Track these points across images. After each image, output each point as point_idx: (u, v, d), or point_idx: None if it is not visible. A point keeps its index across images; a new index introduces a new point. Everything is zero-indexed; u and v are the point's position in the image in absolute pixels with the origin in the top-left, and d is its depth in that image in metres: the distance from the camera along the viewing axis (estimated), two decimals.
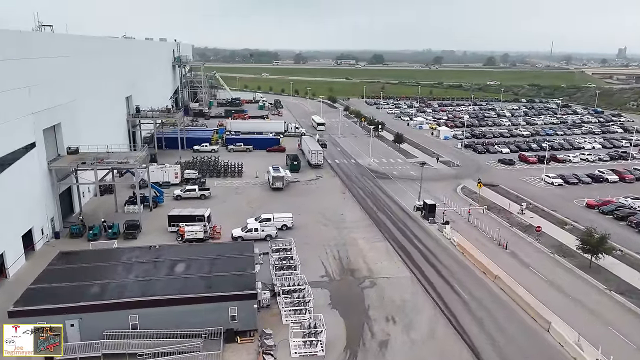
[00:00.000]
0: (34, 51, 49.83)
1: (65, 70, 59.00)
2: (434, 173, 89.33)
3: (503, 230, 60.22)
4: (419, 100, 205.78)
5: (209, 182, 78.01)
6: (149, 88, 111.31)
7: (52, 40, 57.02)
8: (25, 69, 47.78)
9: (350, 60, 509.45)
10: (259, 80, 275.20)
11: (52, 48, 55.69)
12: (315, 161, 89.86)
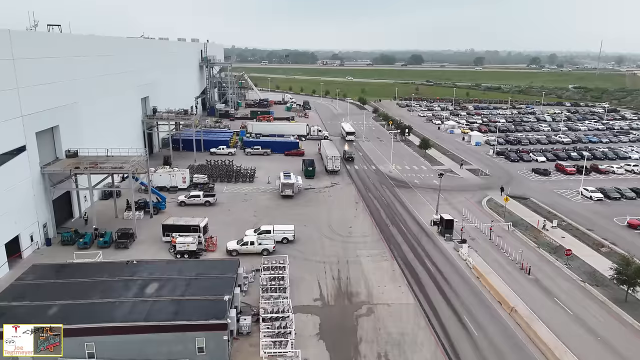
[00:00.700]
0: (24, 52, 48.04)
1: (66, 72, 57.40)
2: (458, 182, 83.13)
3: (528, 252, 53.96)
4: (453, 103, 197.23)
5: (219, 187, 75.25)
6: (172, 89, 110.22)
7: (47, 40, 54.98)
8: (11, 70, 45.94)
9: (393, 61, 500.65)
10: (291, 80, 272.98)
11: (48, 48, 53.89)
12: (331, 167, 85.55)
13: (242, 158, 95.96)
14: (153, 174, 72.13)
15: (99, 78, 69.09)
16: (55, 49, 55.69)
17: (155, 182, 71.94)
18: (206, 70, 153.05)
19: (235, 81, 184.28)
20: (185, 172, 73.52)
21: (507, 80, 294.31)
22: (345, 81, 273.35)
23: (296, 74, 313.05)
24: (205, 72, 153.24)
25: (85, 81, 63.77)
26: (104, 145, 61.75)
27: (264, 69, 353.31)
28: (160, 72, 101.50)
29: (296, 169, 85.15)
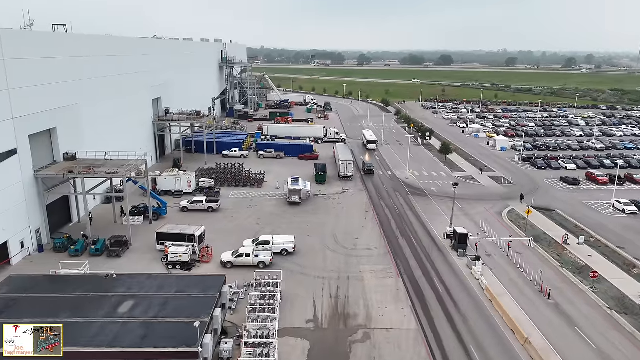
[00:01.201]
0: (15, 52, 46.52)
1: (65, 72, 55.95)
2: (478, 191, 78.18)
3: (549, 271, 49.15)
4: (480, 105, 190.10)
5: (225, 192, 72.89)
6: (187, 90, 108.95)
7: (42, 40, 53.15)
8: (1, 71, 44.40)
9: (421, 61, 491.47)
10: (315, 81, 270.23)
11: (43, 48, 52.32)
12: (344, 172, 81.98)
13: (254, 161, 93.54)
14: (158, 177, 70.50)
15: (106, 79, 67.79)
16: (52, 49, 54.21)
17: (160, 186, 70.32)
18: (226, 70, 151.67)
19: (256, 82, 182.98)
20: (190, 176, 71.40)
21: (539, 82, 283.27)
22: (369, 83, 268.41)
23: (320, 75, 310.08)
24: (225, 73, 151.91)
25: (89, 82, 62.41)
26: (110, 147, 60.32)
27: (288, 70, 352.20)
28: (174, 72, 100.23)
29: (308, 174, 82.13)
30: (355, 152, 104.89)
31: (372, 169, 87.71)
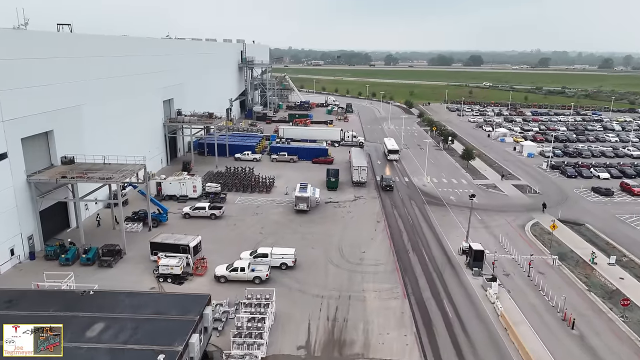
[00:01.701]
0: (3, 52, 44.75)
1: (65, 73, 54.24)
2: (501, 201, 73.09)
3: (574, 296, 44.33)
4: (509, 108, 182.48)
5: (232, 197, 70.25)
6: (203, 90, 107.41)
7: (34, 40, 50.99)
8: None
9: (450, 62, 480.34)
10: (338, 82, 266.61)
11: (37, 49, 50.42)
12: (357, 178, 78.16)
13: (266, 165, 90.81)
14: (163, 181, 68.41)
15: (112, 79, 66.10)
16: (48, 49, 52.39)
17: (164, 191, 68.23)
18: (245, 71, 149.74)
19: (277, 82, 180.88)
20: (196, 181, 69.02)
21: (572, 83, 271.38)
22: (394, 83, 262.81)
23: (344, 75, 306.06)
24: (245, 74, 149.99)
25: (94, 83, 60.75)
26: (117, 150, 59.06)
27: (312, 70, 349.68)
28: (189, 73, 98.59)
29: (321, 179, 78.82)
30: (373, 157, 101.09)
31: (392, 184, 76.60)
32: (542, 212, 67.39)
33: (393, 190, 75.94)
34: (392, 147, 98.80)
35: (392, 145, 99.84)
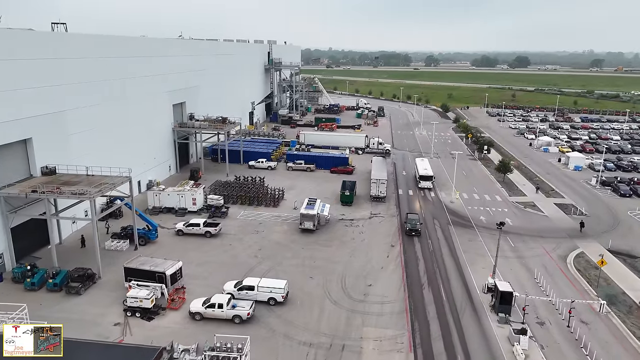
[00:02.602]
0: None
1: (46, 76, 49.79)
2: (540, 224, 63.54)
3: (626, 355, 35.26)
4: (555, 113, 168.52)
5: (235, 211, 64.39)
6: (222, 93, 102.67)
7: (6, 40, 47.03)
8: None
9: (494, 63, 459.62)
10: (373, 84, 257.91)
11: (12, 50, 46.05)
12: (375, 192, 70.49)
13: (281, 174, 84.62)
14: (160, 192, 63.32)
15: (107, 82, 61.72)
16: (25, 49, 47.87)
17: (162, 203, 63.16)
18: (272, 73, 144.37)
19: (306, 85, 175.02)
20: (196, 192, 63.46)
21: (628, 87, 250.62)
22: (431, 85, 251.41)
23: (381, 77, 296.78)
24: (271, 75, 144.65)
25: (84, 87, 56.32)
26: (113, 158, 55.53)
27: (349, 72, 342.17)
28: (205, 75, 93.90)
29: (337, 191, 71.81)
30: (399, 166, 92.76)
31: (418, 228, 57.58)
32: (579, 231, 59.01)
33: (420, 235, 57.55)
34: (425, 172, 78.07)
35: (424, 170, 79.17)
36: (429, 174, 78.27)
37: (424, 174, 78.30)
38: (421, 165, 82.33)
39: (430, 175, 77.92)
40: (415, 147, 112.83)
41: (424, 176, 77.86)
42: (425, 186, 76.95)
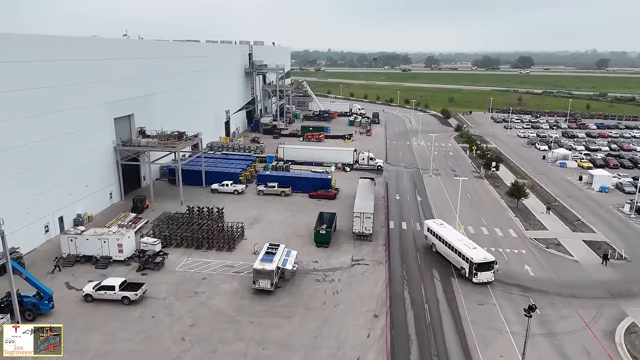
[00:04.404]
0: None
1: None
2: (569, 274, 48.87)
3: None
4: (567, 119, 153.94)
5: (176, 258, 49.98)
6: (188, 101, 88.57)
7: None
8: None
9: (496, 63, 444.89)
10: (369, 87, 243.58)
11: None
12: (359, 229, 56.01)
13: (249, 200, 70.30)
14: (77, 237, 48.85)
15: (17, 94, 47.58)
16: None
17: (80, 250, 48.74)
18: (254, 77, 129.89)
19: (294, 89, 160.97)
20: (123, 236, 48.92)
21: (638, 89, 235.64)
22: (432, 88, 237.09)
23: (378, 79, 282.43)
24: (253, 80, 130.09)
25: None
26: (30, 187, 45.74)
27: (346, 74, 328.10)
28: (165, 81, 79.76)
29: (313, 225, 57.44)
30: (392, 187, 78.08)
31: None
32: (603, 264, 48.81)
33: None
34: (481, 256, 45.96)
35: (481, 257, 45.86)
36: (489, 259, 45.92)
37: (479, 259, 45.61)
38: (454, 237, 50.28)
39: (492, 260, 46.09)
40: (412, 162, 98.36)
41: (483, 264, 45.56)
42: (485, 279, 45.70)
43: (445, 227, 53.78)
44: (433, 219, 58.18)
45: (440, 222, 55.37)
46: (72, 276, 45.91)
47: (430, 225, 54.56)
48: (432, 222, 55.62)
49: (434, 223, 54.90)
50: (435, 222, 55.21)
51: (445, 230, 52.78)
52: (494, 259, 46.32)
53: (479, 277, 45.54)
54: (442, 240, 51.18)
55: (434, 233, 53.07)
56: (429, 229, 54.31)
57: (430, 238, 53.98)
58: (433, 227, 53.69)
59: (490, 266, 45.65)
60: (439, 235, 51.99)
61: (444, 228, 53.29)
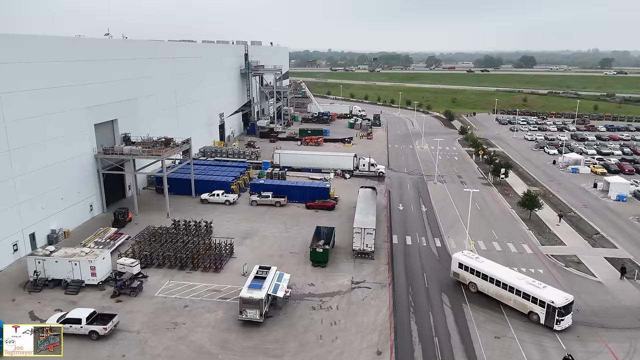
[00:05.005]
0: None
1: None
2: (595, 299, 43.74)
3: None
4: (575, 121, 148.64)
5: (157, 281, 45.06)
6: (180, 105, 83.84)
7: None
8: None
9: (498, 63, 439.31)
10: (370, 87, 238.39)
11: None
12: (359, 246, 50.99)
13: (241, 211, 65.34)
14: (45, 258, 43.88)
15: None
16: None
17: (48, 273, 43.79)
18: (250, 78, 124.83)
19: (293, 90, 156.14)
20: (98, 257, 43.94)
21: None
22: (434, 89, 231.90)
23: (379, 80, 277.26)
24: (248, 81, 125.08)
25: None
26: None
27: (346, 75, 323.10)
28: (152, 84, 74.91)
29: (310, 239, 52.55)
30: (395, 196, 73.02)
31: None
32: (620, 279, 44.08)
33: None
34: (565, 299, 38.71)
35: (562, 299, 38.58)
36: (569, 299, 38.85)
37: (561, 302, 38.19)
38: (508, 274, 43.00)
39: (572, 301, 39.12)
40: (415, 167, 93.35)
41: (564, 307, 38.23)
42: (568, 324, 38.54)
43: (484, 261, 45.08)
44: (461, 252, 47.19)
45: (475, 255, 46.50)
46: (38, 304, 40.98)
47: (464, 260, 45.06)
48: (464, 256, 45.90)
49: (468, 257, 45.56)
50: (468, 256, 45.82)
51: (490, 266, 44.00)
52: (572, 298, 39.14)
53: (564, 322, 37.82)
54: (491, 279, 42.38)
55: (472, 270, 43.83)
56: (463, 264, 44.87)
57: (464, 276, 44.62)
58: (470, 263, 44.31)
59: (570, 307, 38.59)
60: (483, 272, 42.99)
61: (484, 263, 44.30)
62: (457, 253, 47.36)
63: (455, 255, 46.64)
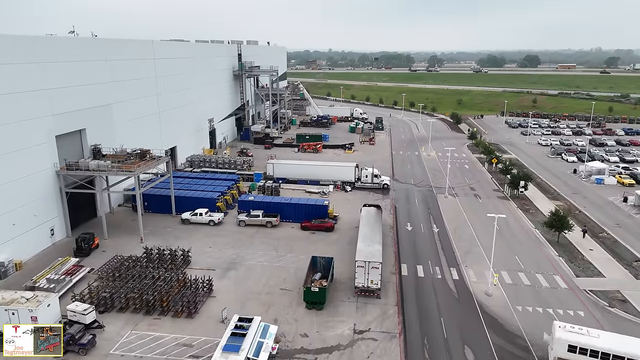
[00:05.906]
0: None
1: None
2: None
3: None
4: (590, 124, 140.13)
5: (115, 331, 36.82)
6: (164, 111, 75.85)
7: None
8: None
9: (501, 63, 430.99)
10: (371, 88, 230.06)
11: None
12: (363, 282, 42.61)
13: (226, 233, 57.13)
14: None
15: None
16: None
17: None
18: (243, 79, 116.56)
19: (290, 92, 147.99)
20: (42, 304, 35.69)
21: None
22: (438, 90, 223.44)
23: (380, 80, 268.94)
24: (242, 83, 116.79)
25: None
26: None
27: (347, 75, 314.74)
28: (130, 87, 66.96)
29: (304, 269, 44.41)
30: (401, 214, 64.63)
31: None
32: None
33: None
34: None
35: None
36: None
37: None
38: None
39: None
40: (423, 177, 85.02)
41: None
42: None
43: (601, 334, 33.55)
44: (563, 326, 33.91)
45: (579, 327, 34.01)
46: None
47: (575, 339, 32.57)
48: (571, 333, 33.06)
49: (578, 334, 33.02)
50: (577, 332, 33.24)
51: (616, 341, 32.92)
52: None
53: None
54: None
55: (598, 353, 32.02)
56: (576, 347, 32.30)
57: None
58: (588, 343, 32.37)
59: None
60: (613, 354, 31.70)
61: (605, 339, 33.00)
62: (560, 332, 33.35)
63: (559, 335, 32.98)
